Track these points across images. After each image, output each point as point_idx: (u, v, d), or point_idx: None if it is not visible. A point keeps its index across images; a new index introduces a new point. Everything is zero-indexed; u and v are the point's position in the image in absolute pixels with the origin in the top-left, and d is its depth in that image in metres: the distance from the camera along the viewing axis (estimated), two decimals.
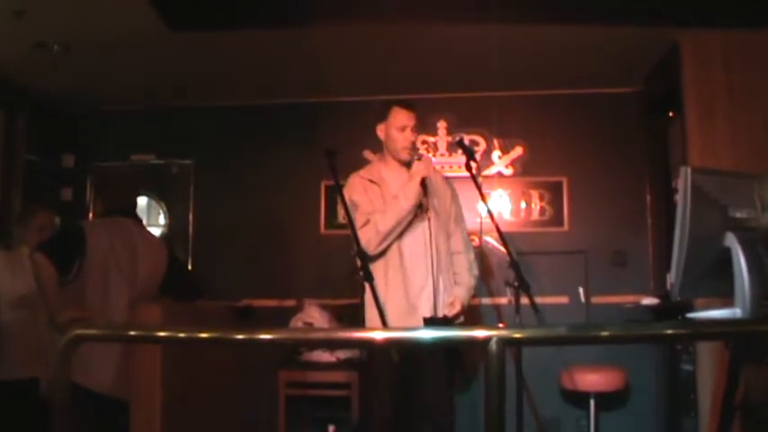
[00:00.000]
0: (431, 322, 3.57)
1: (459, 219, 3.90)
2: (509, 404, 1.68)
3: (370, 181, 3.73)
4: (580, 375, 4.77)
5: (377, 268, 3.56)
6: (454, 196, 3.88)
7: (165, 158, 5.91)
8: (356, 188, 3.70)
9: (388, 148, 3.78)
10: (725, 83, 4.45)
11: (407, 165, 3.74)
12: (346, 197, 3.67)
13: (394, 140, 3.73)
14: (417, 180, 3.60)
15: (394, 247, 3.63)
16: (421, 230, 3.68)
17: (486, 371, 1.58)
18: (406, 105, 3.76)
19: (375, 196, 3.68)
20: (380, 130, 3.78)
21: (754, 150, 4.30)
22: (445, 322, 3.61)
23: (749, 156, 4.30)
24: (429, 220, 3.69)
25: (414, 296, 3.59)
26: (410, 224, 3.65)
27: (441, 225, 3.73)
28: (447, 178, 3.98)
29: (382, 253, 3.60)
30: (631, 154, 5.52)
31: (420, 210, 3.67)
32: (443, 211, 3.78)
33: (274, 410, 4.90)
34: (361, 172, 3.79)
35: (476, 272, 3.86)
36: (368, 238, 3.55)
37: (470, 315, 5.24)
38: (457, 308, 3.71)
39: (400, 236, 3.62)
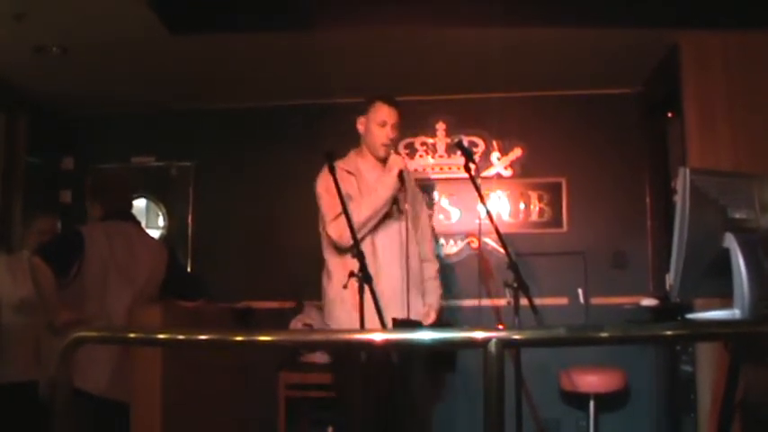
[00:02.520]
0: (401, 324, 3.50)
1: (430, 227, 3.91)
2: (508, 406, 1.68)
3: (347, 172, 3.68)
4: (579, 376, 4.77)
5: (348, 264, 3.42)
6: (426, 203, 3.88)
7: (164, 160, 5.91)
8: (331, 178, 3.55)
9: (366, 142, 3.76)
10: (725, 84, 4.45)
11: (383, 162, 3.72)
12: (321, 188, 3.62)
13: (372, 135, 3.71)
14: (395, 172, 3.57)
15: (368, 242, 3.57)
16: (397, 229, 3.65)
17: (485, 372, 1.58)
18: (389, 101, 3.73)
19: (351, 187, 3.63)
20: (361, 124, 3.76)
21: (753, 151, 4.30)
22: (415, 325, 3.57)
23: (749, 157, 4.29)
24: (405, 220, 3.67)
25: (386, 296, 3.51)
26: (386, 221, 3.61)
27: (413, 228, 3.73)
28: (418, 185, 3.97)
29: (354, 249, 3.39)
30: (631, 155, 5.52)
31: (396, 208, 3.64)
32: (416, 216, 3.78)
33: (274, 412, 4.90)
34: (340, 163, 3.71)
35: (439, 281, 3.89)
36: (341, 229, 3.47)
37: (469, 316, 5.28)
38: (432, 317, 3.71)
39: (375, 231, 3.58)
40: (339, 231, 3.48)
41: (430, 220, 3.97)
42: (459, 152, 3.75)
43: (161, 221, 5.92)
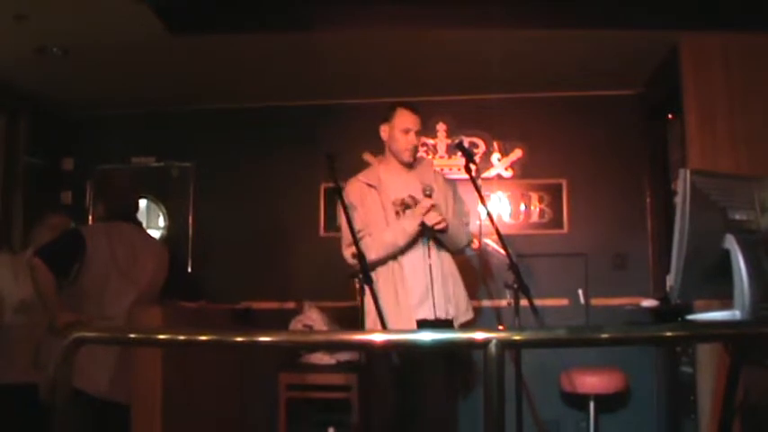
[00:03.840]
0: (425, 324, 3.54)
1: (461, 213, 3.87)
2: (508, 407, 1.68)
3: (369, 185, 3.72)
4: (580, 377, 4.77)
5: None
6: (455, 196, 3.86)
7: (165, 161, 5.91)
8: (354, 194, 3.69)
9: (391, 149, 3.79)
10: (724, 85, 4.45)
11: (409, 166, 3.75)
12: (345, 201, 3.66)
13: (397, 142, 3.73)
14: (418, 221, 3.58)
15: (390, 261, 3.63)
16: (420, 243, 3.66)
17: (485, 373, 1.58)
18: (412, 108, 3.77)
19: (373, 202, 3.67)
20: (384, 131, 3.79)
21: (753, 152, 4.30)
22: (442, 325, 3.59)
23: (749, 158, 4.30)
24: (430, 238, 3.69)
25: (409, 308, 3.56)
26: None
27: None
28: (448, 179, 3.98)
29: (357, 253, 3.45)
30: (631, 156, 5.52)
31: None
32: (444, 213, 3.77)
33: (274, 413, 4.90)
34: (360, 176, 3.79)
35: (468, 239, 3.88)
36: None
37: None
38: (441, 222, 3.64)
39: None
40: (353, 260, 3.52)
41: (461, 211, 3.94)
42: (459, 153, 3.76)
43: (161, 222, 5.92)
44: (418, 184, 3.74)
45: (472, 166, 3.66)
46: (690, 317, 2.58)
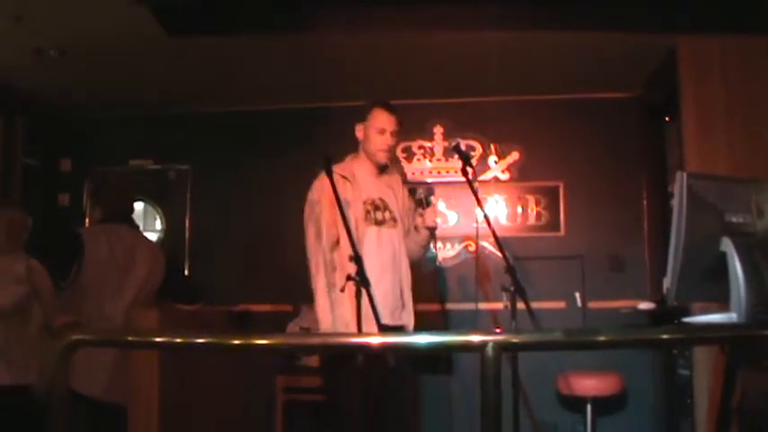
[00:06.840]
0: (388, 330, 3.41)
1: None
2: (505, 409, 1.68)
3: (343, 177, 3.56)
4: (577, 380, 4.77)
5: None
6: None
7: (162, 164, 5.90)
8: (326, 189, 3.49)
9: (365, 149, 3.65)
10: (722, 89, 4.46)
11: (381, 168, 3.67)
12: (316, 197, 3.56)
13: (371, 142, 3.60)
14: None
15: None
16: (389, 237, 3.58)
17: (482, 376, 1.58)
18: (388, 108, 3.63)
19: (347, 192, 3.52)
20: (359, 130, 3.66)
21: (750, 155, 4.31)
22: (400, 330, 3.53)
23: (746, 160, 4.31)
24: (396, 231, 3.62)
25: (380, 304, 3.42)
26: (381, 229, 3.57)
27: (402, 232, 3.66)
28: (400, 173, 3.89)
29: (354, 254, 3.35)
30: (628, 159, 5.53)
31: (389, 215, 3.60)
32: (404, 216, 3.70)
33: (272, 415, 4.90)
34: (335, 167, 3.56)
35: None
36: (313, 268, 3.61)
37: (466, 320, 5.28)
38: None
39: (367, 240, 3.52)
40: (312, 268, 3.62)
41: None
42: (456, 156, 3.73)
43: (158, 225, 5.91)
44: (387, 190, 3.67)
45: (469, 169, 3.62)
46: (686, 319, 2.58)
